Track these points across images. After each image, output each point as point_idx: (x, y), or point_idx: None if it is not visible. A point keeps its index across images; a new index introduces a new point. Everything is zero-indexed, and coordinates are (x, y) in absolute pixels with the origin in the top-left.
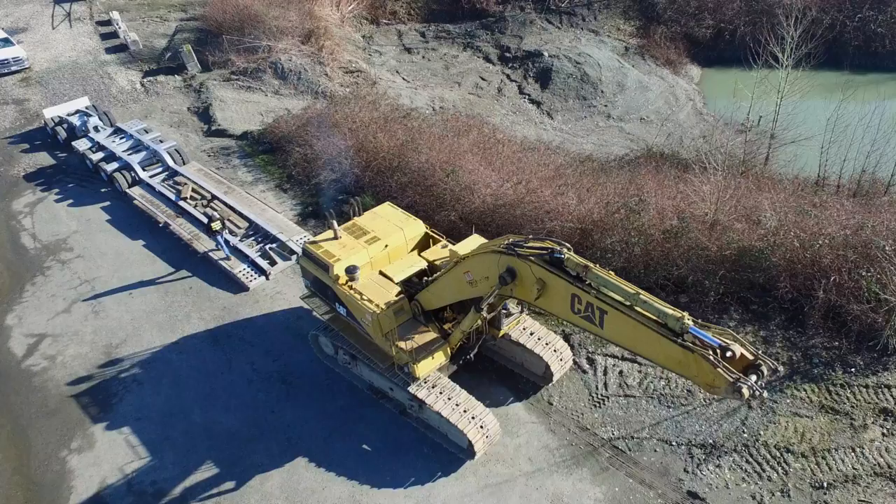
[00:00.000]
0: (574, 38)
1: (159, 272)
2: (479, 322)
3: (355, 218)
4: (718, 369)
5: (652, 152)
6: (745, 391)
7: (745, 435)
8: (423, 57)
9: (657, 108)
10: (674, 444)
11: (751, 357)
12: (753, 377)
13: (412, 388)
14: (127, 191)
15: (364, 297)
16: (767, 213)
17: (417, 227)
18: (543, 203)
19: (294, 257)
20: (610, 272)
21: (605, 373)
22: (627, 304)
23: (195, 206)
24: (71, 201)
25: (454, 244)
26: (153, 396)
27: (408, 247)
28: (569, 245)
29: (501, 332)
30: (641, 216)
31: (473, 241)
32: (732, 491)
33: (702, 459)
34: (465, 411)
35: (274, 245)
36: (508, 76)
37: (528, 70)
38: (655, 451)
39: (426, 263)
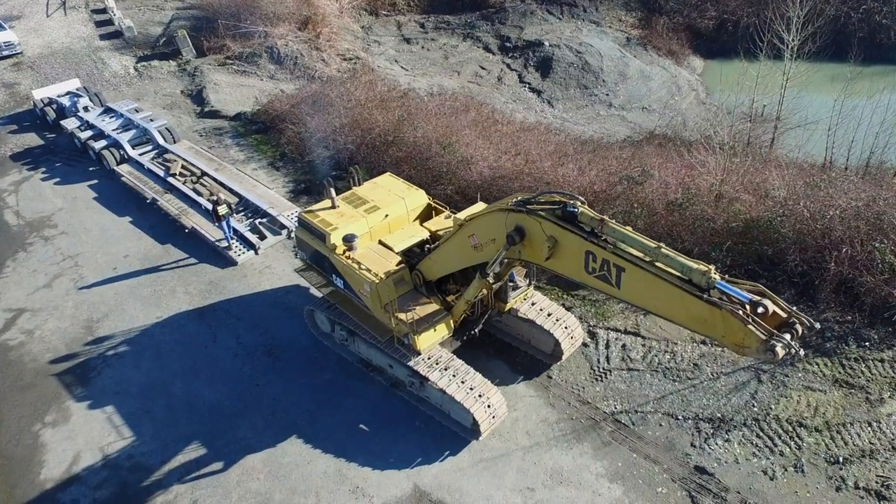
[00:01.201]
0: (575, 28)
1: (147, 248)
2: (485, 291)
3: (354, 188)
4: (749, 326)
5: (655, 134)
6: (780, 350)
7: (756, 409)
8: (423, 47)
9: (659, 97)
10: (680, 418)
11: (784, 314)
12: (787, 335)
13: (424, 370)
14: (115, 168)
15: (362, 266)
16: (776, 184)
17: (419, 198)
18: (543, 174)
19: (284, 232)
20: (627, 226)
21: (607, 346)
22: (647, 259)
23: (184, 183)
24: (57, 179)
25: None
26: (134, 370)
27: (409, 217)
28: (582, 198)
29: (508, 306)
30: (644, 188)
31: (478, 209)
32: (743, 466)
33: (710, 434)
34: (479, 395)
35: (264, 220)
36: (508, 65)
37: (528, 59)
38: (660, 425)
39: (428, 233)
